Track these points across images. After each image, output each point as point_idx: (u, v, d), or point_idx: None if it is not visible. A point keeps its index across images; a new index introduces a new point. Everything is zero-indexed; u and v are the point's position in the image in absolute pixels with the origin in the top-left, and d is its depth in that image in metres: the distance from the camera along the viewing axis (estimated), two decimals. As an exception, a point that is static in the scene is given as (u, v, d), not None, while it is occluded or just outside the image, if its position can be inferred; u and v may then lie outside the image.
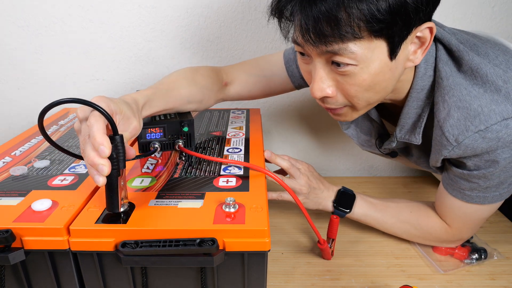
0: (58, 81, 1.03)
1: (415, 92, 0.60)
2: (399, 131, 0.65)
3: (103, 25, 0.97)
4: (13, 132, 1.09)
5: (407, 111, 0.62)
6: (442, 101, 0.57)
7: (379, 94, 0.56)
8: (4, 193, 0.55)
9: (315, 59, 0.54)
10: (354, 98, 0.56)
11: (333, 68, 0.53)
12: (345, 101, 0.57)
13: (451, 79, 0.57)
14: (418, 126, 0.62)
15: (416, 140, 0.63)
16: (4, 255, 0.46)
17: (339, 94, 0.56)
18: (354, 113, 0.60)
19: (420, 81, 0.59)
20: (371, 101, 0.57)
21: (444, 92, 0.57)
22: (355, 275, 0.69)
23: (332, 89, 0.55)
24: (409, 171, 1.15)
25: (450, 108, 0.56)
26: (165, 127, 0.67)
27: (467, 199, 0.64)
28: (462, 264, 0.71)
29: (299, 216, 0.89)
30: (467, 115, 0.55)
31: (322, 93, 0.55)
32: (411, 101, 0.61)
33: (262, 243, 0.48)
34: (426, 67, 0.59)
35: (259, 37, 0.99)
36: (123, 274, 0.50)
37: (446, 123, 0.57)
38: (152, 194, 0.55)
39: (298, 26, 0.52)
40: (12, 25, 0.97)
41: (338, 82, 0.55)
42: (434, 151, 0.62)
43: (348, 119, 0.62)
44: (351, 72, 0.52)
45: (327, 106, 0.59)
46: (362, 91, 0.54)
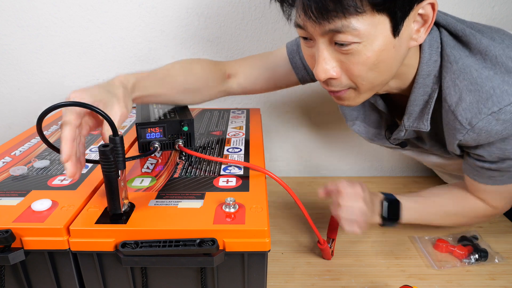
0: (58, 81, 1.03)
1: (421, 78, 0.59)
2: (407, 119, 0.64)
3: (103, 25, 0.97)
4: (13, 132, 1.09)
5: (414, 98, 0.61)
6: (453, 86, 0.57)
7: (383, 75, 0.56)
8: (4, 193, 0.55)
9: (318, 40, 0.53)
10: (358, 78, 0.55)
11: (336, 48, 0.53)
12: (349, 83, 0.56)
13: (461, 62, 0.56)
14: (426, 113, 0.61)
15: (424, 127, 0.63)
16: (4, 255, 0.46)
17: (343, 75, 0.55)
18: (358, 97, 0.59)
19: (425, 66, 0.59)
20: (375, 82, 0.56)
21: (455, 76, 0.56)
22: (355, 275, 0.69)
23: (336, 69, 0.54)
24: (409, 171, 1.15)
25: (462, 92, 0.56)
26: (165, 127, 0.67)
27: (499, 183, 0.63)
28: (459, 263, 0.71)
29: (299, 216, 0.89)
30: (479, 98, 0.55)
31: (326, 75, 0.54)
32: (417, 88, 0.60)
33: (262, 243, 0.48)
34: (431, 52, 0.58)
35: (259, 37, 0.99)
36: (123, 274, 0.50)
37: (458, 107, 0.56)
38: (152, 194, 0.55)
39: (300, 4, 0.51)
40: (12, 25, 0.97)
41: (342, 63, 0.54)
42: (448, 136, 0.61)
43: (352, 103, 0.61)
44: (354, 50, 0.51)
45: (331, 88, 0.58)
46: (366, 70, 0.54)
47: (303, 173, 1.15)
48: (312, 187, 1.03)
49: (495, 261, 0.72)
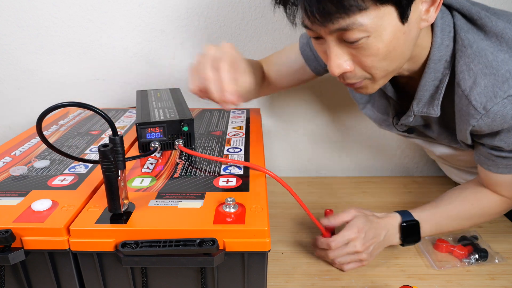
0: (58, 81, 1.03)
1: (432, 63, 0.59)
2: (416, 104, 0.63)
3: (103, 25, 0.97)
4: (13, 132, 1.09)
5: (425, 83, 0.61)
6: (468, 70, 0.55)
7: (396, 61, 0.55)
8: (4, 193, 0.55)
9: (327, 38, 0.53)
10: (372, 68, 0.55)
11: (346, 44, 0.53)
12: (363, 74, 0.56)
13: (475, 46, 0.55)
14: (436, 98, 0.61)
15: (434, 112, 0.62)
16: (4, 255, 0.46)
17: (357, 68, 0.55)
18: (375, 85, 0.59)
19: (437, 51, 0.58)
20: (389, 69, 0.56)
21: (469, 60, 0.55)
22: (355, 275, 0.69)
23: (349, 63, 0.54)
24: (409, 171, 1.15)
25: (477, 76, 0.55)
26: (165, 127, 0.67)
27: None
28: (459, 263, 0.71)
29: (299, 216, 0.89)
30: (494, 82, 0.54)
31: (340, 70, 0.54)
32: (428, 73, 0.60)
33: (262, 243, 0.48)
34: (443, 36, 0.57)
35: (259, 37, 0.99)
36: (123, 274, 0.50)
37: (473, 92, 0.55)
38: (152, 194, 0.55)
39: (303, 9, 0.51)
40: (12, 25, 0.97)
41: (353, 56, 0.54)
42: (460, 122, 0.60)
43: (370, 91, 0.60)
44: (364, 44, 0.51)
45: (347, 81, 0.58)
46: (379, 61, 0.53)
47: (303, 173, 1.15)
48: (312, 187, 1.03)
49: (495, 261, 0.72)
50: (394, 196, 0.98)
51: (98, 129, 0.81)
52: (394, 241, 0.69)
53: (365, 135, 1.11)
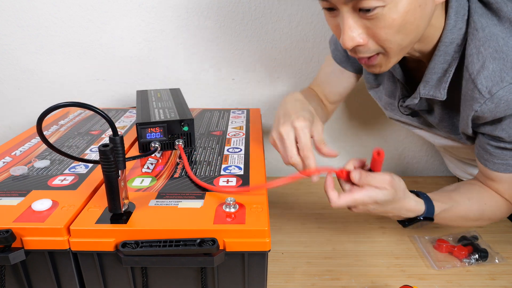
0: (58, 81, 1.03)
1: (443, 45, 0.58)
2: (423, 86, 0.63)
3: (103, 25, 0.97)
4: (13, 132, 1.09)
5: (434, 65, 0.60)
6: (477, 53, 0.55)
7: (410, 35, 0.54)
8: (4, 193, 0.55)
9: (342, 9, 0.52)
10: (385, 42, 0.53)
11: (361, 15, 0.51)
12: (377, 47, 0.55)
13: (487, 30, 0.55)
14: (443, 81, 0.60)
15: (440, 96, 0.61)
16: (5, 255, 0.46)
17: (370, 41, 0.54)
18: (388, 62, 0.58)
19: (449, 34, 0.57)
20: (403, 44, 0.55)
21: (479, 43, 0.55)
22: (355, 275, 0.69)
23: (363, 36, 0.53)
24: (409, 171, 1.15)
25: (485, 59, 0.54)
26: (165, 127, 0.67)
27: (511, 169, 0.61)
28: (459, 263, 0.71)
29: (299, 216, 0.89)
30: (503, 66, 0.53)
31: (353, 42, 0.53)
32: (438, 55, 0.59)
33: (263, 243, 0.48)
34: (457, 19, 0.57)
35: (259, 37, 0.99)
36: (123, 274, 0.50)
37: (480, 75, 0.55)
38: (152, 194, 0.55)
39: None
40: (12, 25, 0.97)
41: (367, 28, 0.52)
42: (463, 108, 0.60)
43: (383, 68, 0.59)
44: (379, 14, 0.50)
45: (360, 55, 0.57)
46: (393, 33, 0.52)
47: (303, 173, 1.15)
48: (312, 187, 1.03)
49: (495, 261, 0.72)
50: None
51: (98, 129, 0.81)
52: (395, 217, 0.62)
53: (365, 135, 1.11)
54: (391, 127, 1.10)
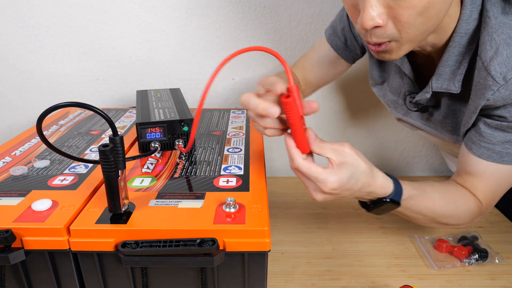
0: (58, 81, 1.03)
1: (458, 36, 0.58)
2: (435, 80, 0.62)
3: (103, 25, 0.97)
4: (13, 132, 1.09)
5: (447, 58, 0.59)
6: (490, 40, 0.54)
7: (431, 20, 0.53)
8: (4, 193, 0.55)
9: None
10: (405, 24, 0.52)
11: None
12: (394, 32, 0.53)
13: (500, 18, 0.54)
14: (458, 74, 0.59)
15: (455, 88, 0.60)
16: (4, 255, 0.46)
17: (389, 23, 0.52)
18: (399, 49, 0.56)
19: (464, 24, 0.57)
20: (421, 30, 0.53)
21: (492, 30, 0.54)
22: (355, 275, 0.69)
23: (383, 17, 0.51)
24: (409, 171, 1.15)
25: (499, 46, 0.54)
26: (165, 127, 0.67)
27: (495, 158, 0.59)
28: (459, 263, 0.71)
29: (299, 216, 0.89)
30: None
31: (373, 22, 0.51)
32: (452, 47, 0.58)
33: (263, 243, 0.48)
34: (472, 9, 0.56)
35: (259, 37, 0.99)
36: (123, 274, 0.50)
37: (493, 62, 0.54)
38: (152, 194, 0.55)
39: None
40: (12, 25, 0.97)
41: (390, 8, 0.51)
42: (473, 99, 0.59)
43: (393, 56, 0.58)
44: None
45: (374, 39, 0.55)
46: (416, 15, 0.50)
47: (303, 173, 1.15)
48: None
49: (495, 261, 0.72)
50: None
51: (98, 129, 0.81)
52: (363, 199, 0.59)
53: (365, 135, 1.11)
54: (391, 127, 1.10)
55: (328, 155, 0.54)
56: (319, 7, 0.96)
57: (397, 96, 0.73)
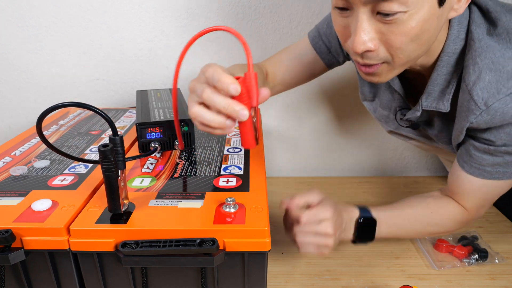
0: (58, 81, 1.03)
1: (446, 56, 0.58)
2: (425, 98, 0.62)
3: (103, 25, 0.97)
4: (13, 132, 1.09)
5: (436, 77, 0.59)
6: (473, 64, 0.54)
7: (422, 47, 0.53)
8: (4, 193, 0.55)
9: (359, 10, 0.49)
10: (397, 50, 0.51)
11: (378, 18, 0.49)
12: (386, 55, 0.53)
13: (484, 41, 0.54)
14: (447, 93, 0.59)
15: (444, 107, 0.60)
16: (4, 255, 0.46)
17: (381, 47, 0.52)
18: (390, 72, 0.56)
19: (452, 44, 0.57)
20: (412, 55, 0.53)
21: (476, 54, 0.54)
22: (355, 275, 0.69)
23: (375, 42, 0.51)
24: (409, 171, 1.15)
25: (482, 70, 0.54)
26: (165, 127, 0.67)
27: (486, 176, 0.61)
28: (459, 263, 0.71)
29: (299, 216, 0.89)
30: (499, 78, 0.53)
31: (364, 47, 0.51)
32: (440, 66, 0.58)
33: (262, 243, 0.48)
34: (459, 29, 0.56)
35: (259, 37, 0.99)
36: (123, 274, 0.50)
37: (476, 86, 0.54)
38: (152, 194, 0.55)
39: None
40: (12, 25, 0.97)
41: (382, 34, 0.50)
42: (459, 119, 0.59)
43: (382, 79, 0.58)
44: (399, 20, 0.48)
45: (366, 61, 0.55)
46: (408, 42, 0.50)
47: (303, 173, 1.15)
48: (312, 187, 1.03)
49: (495, 261, 0.72)
50: (394, 196, 0.98)
51: (98, 129, 0.81)
52: (348, 235, 0.65)
53: (365, 135, 1.11)
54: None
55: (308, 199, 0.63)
56: (319, 7, 0.96)
57: (388, 111, 0.73)
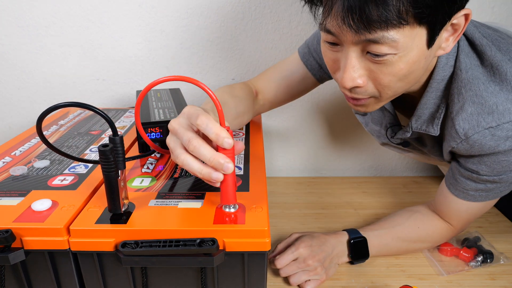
0: (58, 81, 1.03)
1: (435, 82, 0.59)
2: (415, 121, 0.63)
3: (103, 25, 0.97)
4: (13, 132, 1.09)
5: (425, 101, 0.60)
6: (458, 94, 0.57)
7: (409, 84, 0.54)
8: (4, 193, 0.55)
9: (349, 48, 0.51)
10: (385, 88, 0.53)
11: (368, 57, 0.50)
12: (374, 91, 0.54)
13: (470, 72, 0.56)
14: (436, 117, 0.61)
15: (434, 131, 0.62)
16: (4, 255, 0.46)
17: (369, 84, 0.53)
18: (376, 104, 0.58)
19: (441, 71, 0.58)
20: (399, 91, 0.55)
21: (461, 84, 0.56)
22: (355, 275, 0.69)
23: (364, 78, 0.52)
24: (409, 171, 1.15)
25: (465, 101, 0.56)
26: (165, 127, 0.67)
27: (470, 199, 0.64)
28: (466, 266, 0.70)
29: (299, 216, 0.89)
30: (481, 111, 0.55)
31: (353, 83, 0.52)
32: (430, 92, 0.59)
33: (262, 243, 0.48)
34: (448, 57, 0.57)
35: (259, 37, 0.99)
36: (123, 274, 0.50)
37: (458, 116, 0.57)
38: (152, 194, 0.55)
39: (338, 10, 0.47)
40: (12, 25, 0.97)
41: (371, 71, 0.52)
42: (444, 140, 0.62)
43: (369, 110, 0.59)
44: (388, 61, 0.49)
45: (354, 96, 0.56)
46: (396, 81, 0.52)
47: (303, 173, 1.15)
48: (312, 187, 1.03)
49: (501, 261, 0.71)
50: (394, 196, 0.99)
51: (98, 129, 0.81)
52: (344, 258, 0.70)
53: (365, 135, 1.11)
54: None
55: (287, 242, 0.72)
56: (319, 7, 0.96)
57: (379, 126, 0.74)
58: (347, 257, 0.71)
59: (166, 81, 0.46)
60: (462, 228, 0.71)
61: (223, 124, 0.46)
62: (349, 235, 0.71)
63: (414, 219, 0.72)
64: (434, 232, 0.71)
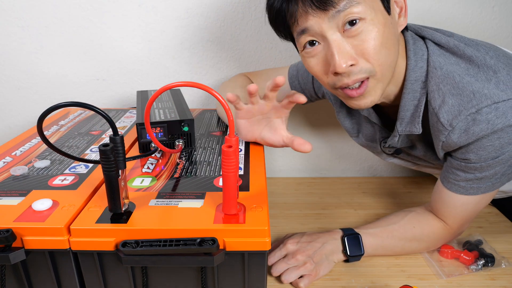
0: (58, 81, 1.03)
1: (409, 83, 0.63)
2: (399, 124, 0.67)
3: (103, 25, 0.97)
4: (13, 132, 1.09)
5: (404, 103, 0.65)
6: (437, 90, 0.61)
7: (391, 53, 0.59)
8: (5, 193, 0.55)
9: (327, 33, 0.56)
10: (375, 56, 0.57)
11: (346, 34, 0.56)
12: (368, 66, 0.57)
13: (445, 68, 0.61)
14: (416, 116, 0.65)
15: (416, 130, 0.65)
16: (5, 254, 0.46)
17: (360, 59, 0.57)
18: (377, 87, 0.60)
19: (412, 72, 0.63)
20: (388, 62, 0.59)
21: (439, 81, 0.61)
22: (355, 275, 0.69)
23: (353, 56, 0.57)
24: (408, 171, 1.15)
25: (445, 95, 0.60)
26: (165, 127, 0.67)
27: (461, 191, 0.66)
28: (466, 270, 0.70)
29: (299, 216, 0.89)
30: (460, 101, 0.59)
31: (346, 63, 0.56)
32: (406, 93, 0.64)
33: (263, 242, 0.48)
34: (416, 59, 0.63)
35: (259, 37, 0.99)
36: (124, 273, 0.50)
37: (441, 110, 0.60)
38: (152, 194, 0.55)
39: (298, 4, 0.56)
40: (12, 25, 0.97)
41: (355, 46, 0.56)
42: (434, 138, 0.65)
43: (372, 97, 0.61)
44: (363, 29, 0.55)
45: (352, 78, 0.58)
46: (379, 47, 0.56)
47: (303, 173, 1.15)
48: (312, 187, 1.03)
49: (502, 265, 0.71)
50: (394, 196, 0.99)
51: (99, 129, 0.81)
52: (338, 255, 0.71)
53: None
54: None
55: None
56: (319, 7, 0.96)
57: (374, 142, 0.78)
58: (342, 254, 0.71)
59: (180, 86, 0.47)
60: (458, 227, 0.71)
61: (232, 133, 0.47)
62: (343, 232, 0.72)
63: (410, 218, 0.73)
64: (430, 231, 0.72)
